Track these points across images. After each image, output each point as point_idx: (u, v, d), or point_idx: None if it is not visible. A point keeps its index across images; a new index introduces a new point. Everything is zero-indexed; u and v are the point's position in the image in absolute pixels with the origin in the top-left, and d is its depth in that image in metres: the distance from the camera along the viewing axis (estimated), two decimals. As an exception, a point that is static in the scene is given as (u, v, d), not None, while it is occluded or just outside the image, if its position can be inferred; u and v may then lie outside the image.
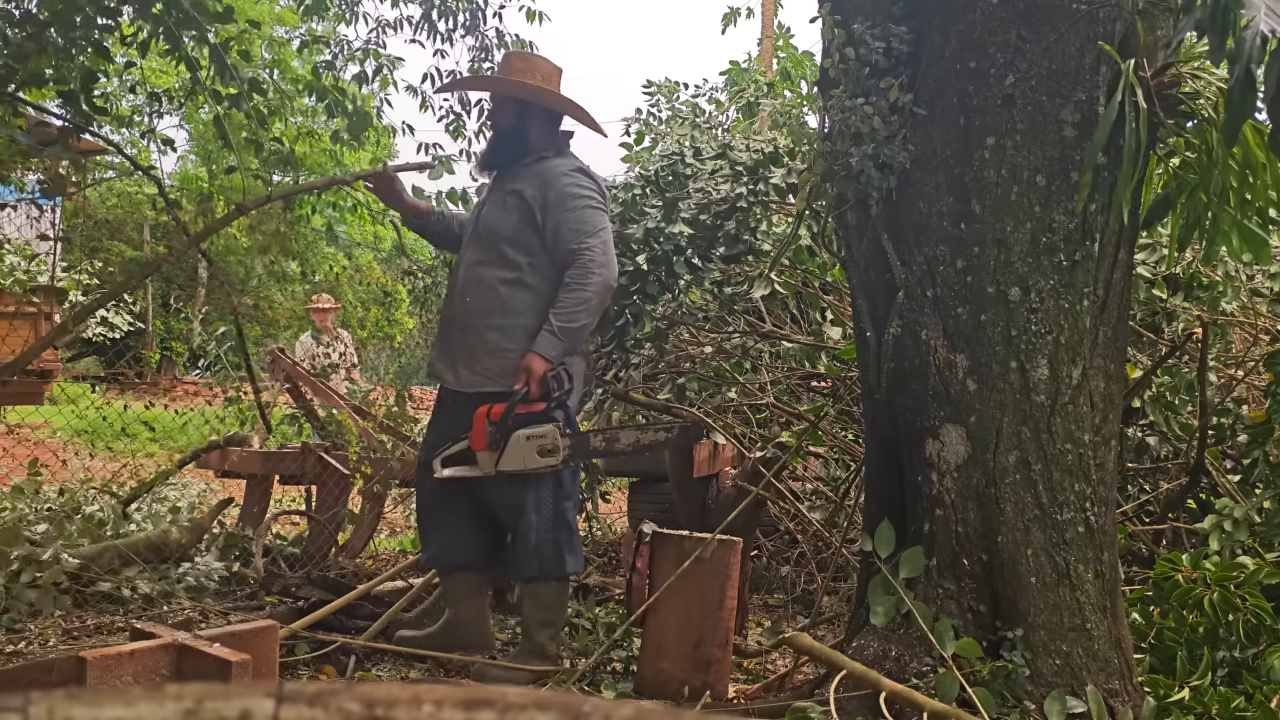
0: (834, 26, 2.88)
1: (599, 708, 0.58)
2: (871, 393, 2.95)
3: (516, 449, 3.18)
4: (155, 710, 0.54)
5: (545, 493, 3.32)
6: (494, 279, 3.33)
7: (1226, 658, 2.82)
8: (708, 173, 4.18)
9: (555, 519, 3.34)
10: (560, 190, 3.29)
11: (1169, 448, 4.20)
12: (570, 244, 3.24)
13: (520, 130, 3.44)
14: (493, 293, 3.32)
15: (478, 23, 5.35)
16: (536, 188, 3.31)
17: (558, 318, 3.21)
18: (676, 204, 4.01)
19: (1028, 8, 2.66)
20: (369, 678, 3.32)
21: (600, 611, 4.06)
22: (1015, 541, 2.69)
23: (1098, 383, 2.73)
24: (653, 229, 3.94)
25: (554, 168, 3.36)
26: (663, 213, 3.99)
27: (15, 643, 3.38)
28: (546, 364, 3.20)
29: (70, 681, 2.26)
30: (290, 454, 4.79)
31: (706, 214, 4.01)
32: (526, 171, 3.38)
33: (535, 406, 3.21)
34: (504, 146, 3.50)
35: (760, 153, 4.21)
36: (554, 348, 3.21)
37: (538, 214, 3.29)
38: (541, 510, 3.31)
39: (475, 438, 3.24)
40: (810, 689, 2.90)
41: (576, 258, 3.23)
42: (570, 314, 3.21)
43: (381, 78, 5.82)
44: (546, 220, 3.28)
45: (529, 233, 3.31)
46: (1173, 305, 4.25)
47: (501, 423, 3.18)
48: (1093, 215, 2.68)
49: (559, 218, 3.26)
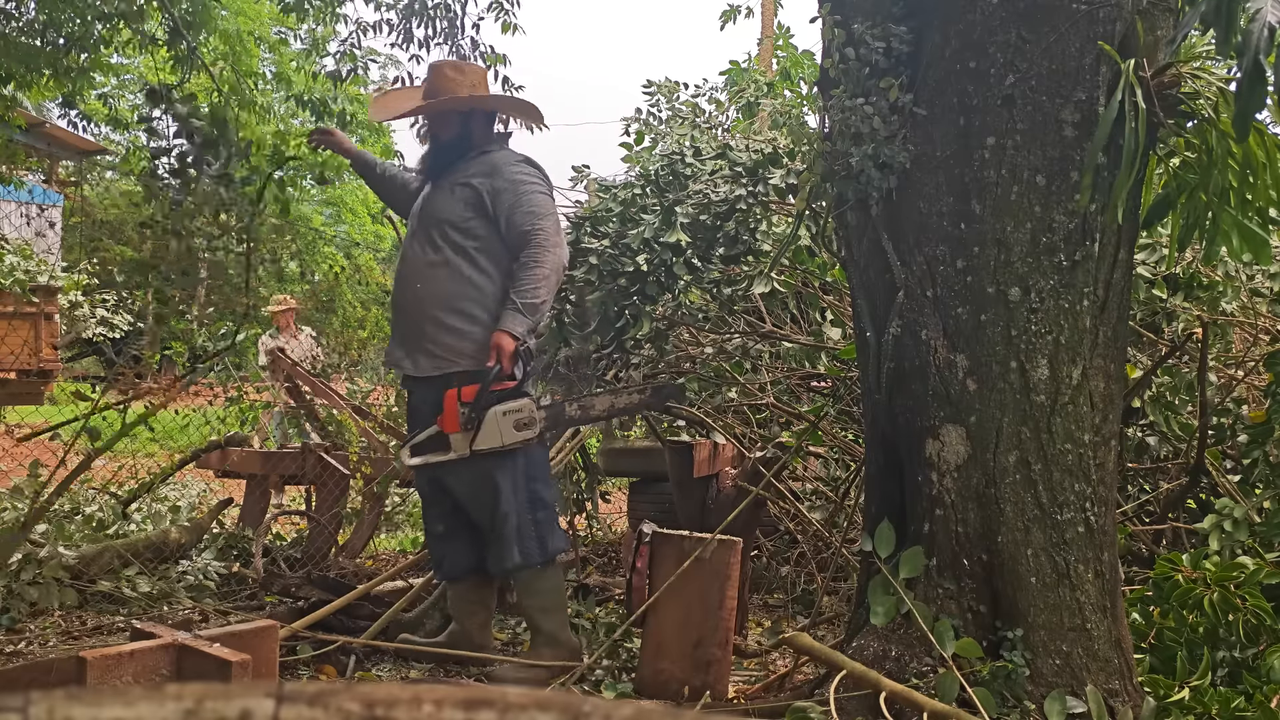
0: (834, 26, 2.88)
1: (599, 708, 0.58)
2: (871, 393, 2.95)
3: (492, 426, 3.20)
4: (155, 710, 0.54)
5: (517, 476, 3.33)
6: (444, 264, 3.38)
7: (1226, 658, 2.82)
8: (707, 173, 4.17)
9: (531, 500, 3.36)
10: (509, 178, 3.38)
11: (1169, 448, 4.20)
12: (523, 226, 3.32)
13: (464, 135, 3.52)
14: (445, 278, 3.38)
15: (454, 32, 5.35)
16: (485, 176, 3.40)
17: (520, 295, 3.27)
18: (674, 210, 4.01)
19: (1028, 8, 2.66)
20: (369, 678, 3.32)
21: (600, 611, 4.05)
22: (1015, 541, 2.69)
23: (1098, 383, 2.73)
24: (649, 238, 3.95)
25: (501, 159, 3.45)
26: (660, 218, 3.99)
27: (15, 643, 3.38)
28: (516, 341, 3.24)
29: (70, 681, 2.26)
30: (290, 454, 4.79)
31: (706, 214, 4.01)
32: (473, 164, 3.45)
33: (506, 384, 3.24)
34: (449, 152, 3.54)
35: (760, 153, 4.20)
36: (520, 324, 3.26)
37: (488, 201, 3.37)
38: (517, 494, 3.33)
39: (447, 420, 3.24)
40: (810, 689, 2.90)
41: (530, 238, 3.30)
42: (532, 290, 3.27)
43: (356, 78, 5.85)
44: (498, 206, 3.36)
45: (478, 219, 3.38)
46: (1173, 305, 4.25)
47: (476, 402, 3.20)
48: (1093, 215, 2.68)
49: (511, 201, 3.35)
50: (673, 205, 4.03)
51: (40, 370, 6.76)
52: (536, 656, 3.33)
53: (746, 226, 4.04)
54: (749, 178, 4.10)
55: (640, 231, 3.98)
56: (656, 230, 3.97)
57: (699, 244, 3.98)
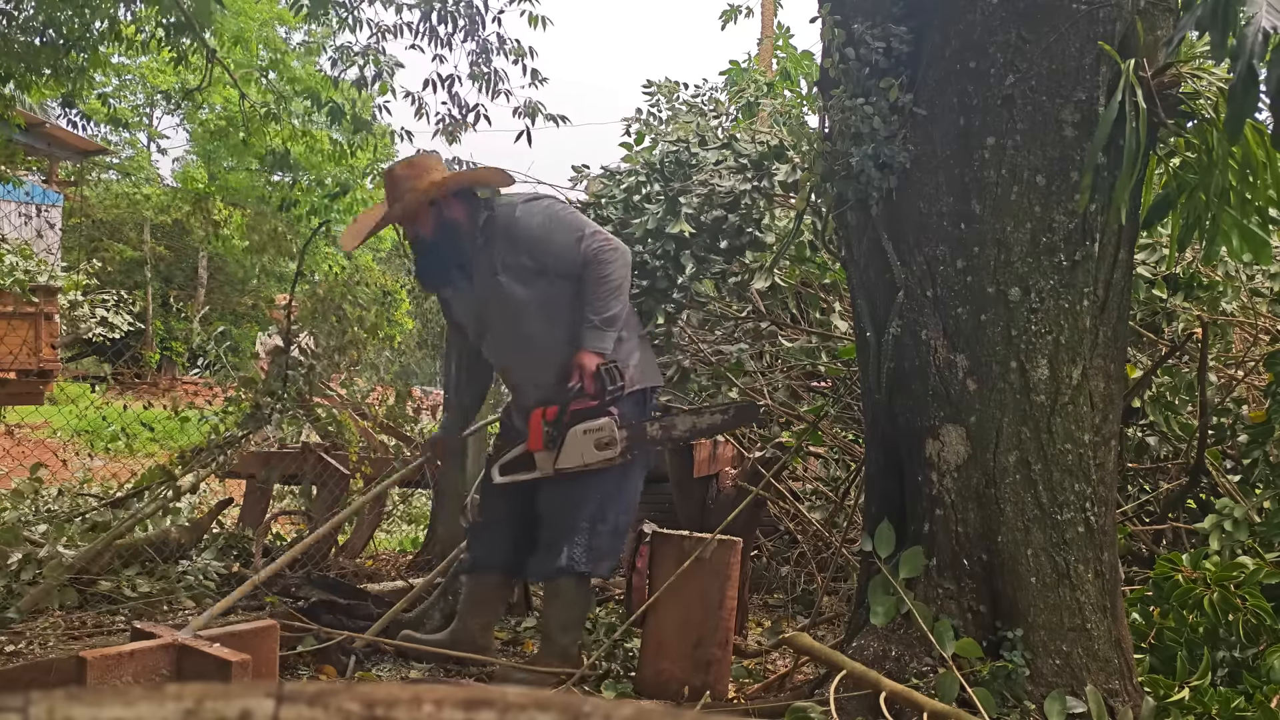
0: (834, 26, 2.88)
1: (599, 708, 0.58)
2: (871, 393, 2.95)
3: (574, 445, 3.19)
4: (155, 710, 0.54)
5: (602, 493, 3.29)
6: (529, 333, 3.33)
7: (1226, 658, 2.82)
8: (712, 163, 4.15)
9: (599, 515, 3.30)
10: (532, 226, 3.30)
11: (1169, 448, 4.20)
12: (576, 250, 3.25)
13: (449, 230, 3.37)
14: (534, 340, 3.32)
15: (477, 27, 5.34)
16: (511, 241, 3.30)
17: (593, 311, 3.22)
18: (678, 200, 3.99)
19: (1028, 8, 2.66)
20: (369, 678, 3.32)
21: (600, 611, 4.05)
22: (1015, 541, 2.69)
23: (1098, 383, 2.73)
24: (653, 229, 3.93)
25: (511, 219, 3.33)
26: (664, 207, 3.97)
27: (15, 643, 3.38)
28: (598, 358, 3.20)
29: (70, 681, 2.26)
30: (290, 454, 4.79)
31: (710, 207, 3.99)
32: (490, 246, 3.34)
33: (589, 403, 3.21)
34: (444, 254, 3.41)
35: (765, 145, 4.19)
36: (600, 340, 3.22)
37: (528, 261, 3.29)
38: (590, 507, 3.28)
39: (532, 439, 3.25)
40: (810, 689, 2.90)
41: (585, 255, 3.24)
42: (604, 304, 3.22)
43: (380, 83, 5.82)
44: (545, 256, 3.28)
45: (532, 277, 3.30)
46: (1173, 305, 4.25)
47: (557, 420, 3.19)
48: (1093, 215, 2.68)
49: (551, 242, 3.28)
50: (677, 195, 4.01)
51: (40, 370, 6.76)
52: (541, 664, 3.32)
53: (750, 219, 4.02)
54: (754, 170, 4.09)
55: (643, 221, 3.97)
56: (661, 221, 3.95)
57: (703, 236, 3.96)
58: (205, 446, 4.53)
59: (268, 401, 4.53)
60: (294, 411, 4.70)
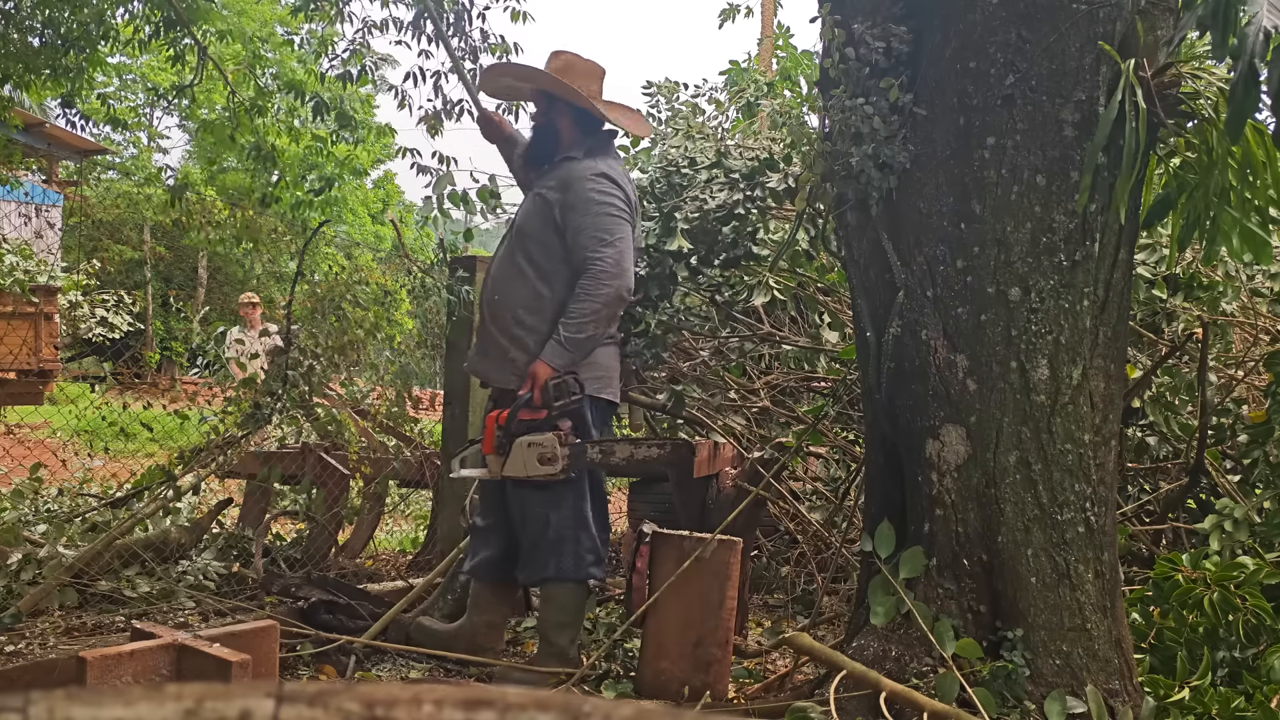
0: (834, 26, 2.88)
1: (599, 708, 0.58)
2: (871, 393, 2.95)
3: (518, 455, 3.19)
4: (155, 710, 0.54)
5: (567, 497, 3.29)
6: (520, 277, 3.33)
7: (1226, 658, 2.82)
8: (703, 182, 4.17)
9: (578, 519, 3.30)
10: (581, 194, 3.24)
11: (1169, 448, 4.20)
12: (585, 250, 3.20)
13: (549, 127, 3.43)
14: (519, 291, 3.32)
15: (463, 24, 5.33)
16: (558, 189, 3.29)
17: (566, 328, 3.19)
18: (673, 216, 4.01)
19: (1028, 8, 2.66)
20: (369, 678, 3.32)
21: (600, 611, 4.05)
22: (1015, 541, 2.69)
23: (1098, 383, 2.73)
24: (649, 245, 3.95)
25: (578, 170, 3.29)
26: (659, 224, 3.99)
27: (15, 643, 3.38)
28: (551, 372, 3.19)
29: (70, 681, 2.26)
30: (290, 454, 4.79)
31: (704, 221, 4.01)
32: (552, 172, 3.37)
33: (539, 414, 3.21)
34: (538, 142, 3.49)
35: (755, 159, 4.20)
36: (560, 357, 3.19)
37: (557, 215, 3.26)
38: (562, 509, 3.28)
39: (485, 441, 3.26)
40: (810, 689, 2.90)
41: (589, 266, 3.19)
42: (578, 325, 3.18)
43: (363, 77, 5.83)
44: (566, 223, 3.25)
45: (551, 234, 3.29)
46: (1173, 305, 4.25)
47: (505, 428, 3.20)
48: (1093, 215, 2.68)
49: (578, 222, 3.23)
50: (671, 212, 4.02)
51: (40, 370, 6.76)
52: (539, 665, 3.32)
53: (744, 231, 4.03)
54: (745, 183, 4.10)
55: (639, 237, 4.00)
56: (658, 237, 3.97)
57: (698, 249, 3.97)
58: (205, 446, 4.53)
59: (267, 401, 4.53)
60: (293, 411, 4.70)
